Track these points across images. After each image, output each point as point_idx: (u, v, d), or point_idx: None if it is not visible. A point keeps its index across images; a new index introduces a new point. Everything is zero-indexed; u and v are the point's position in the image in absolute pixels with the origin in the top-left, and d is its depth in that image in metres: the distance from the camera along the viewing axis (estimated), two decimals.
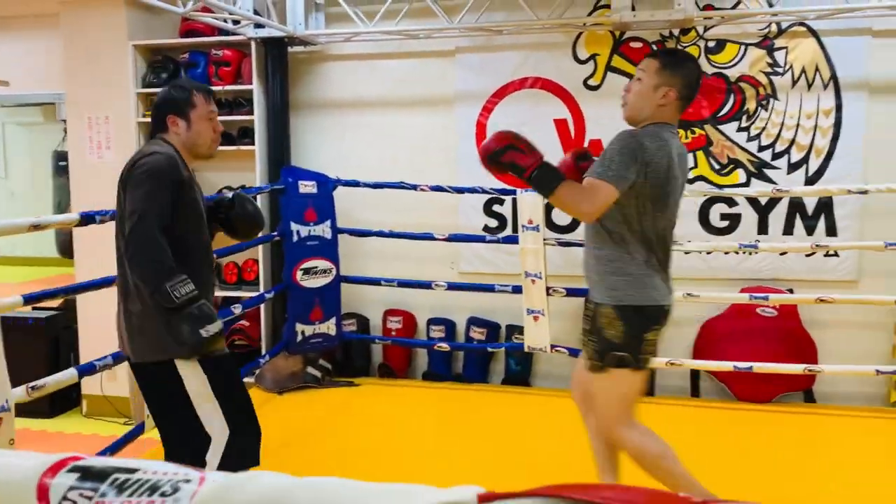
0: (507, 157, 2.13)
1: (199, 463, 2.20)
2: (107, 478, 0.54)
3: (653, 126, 2.29)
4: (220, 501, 0.51)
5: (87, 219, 2.75)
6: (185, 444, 2.27)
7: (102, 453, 2.97)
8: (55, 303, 5.00)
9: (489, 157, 2.16)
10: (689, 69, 2.35)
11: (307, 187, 4.48)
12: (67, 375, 2.75)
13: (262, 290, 4.65)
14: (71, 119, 4.87)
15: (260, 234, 4.60)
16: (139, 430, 3.18)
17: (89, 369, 2.81)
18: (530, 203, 4.19)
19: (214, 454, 2.20)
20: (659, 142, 2.23)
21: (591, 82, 4.50)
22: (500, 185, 4.53)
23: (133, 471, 0.54)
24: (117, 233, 2.27)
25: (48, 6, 4.78)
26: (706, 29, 4.34)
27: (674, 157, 2.27)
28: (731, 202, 4.39)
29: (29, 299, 2.58)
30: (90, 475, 0.54)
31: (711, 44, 4.35)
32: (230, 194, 2.62)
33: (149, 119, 4.66)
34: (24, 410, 4.05)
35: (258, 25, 4.44)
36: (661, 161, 2.22)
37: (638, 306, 2.30)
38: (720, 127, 4.37)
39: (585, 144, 4.53)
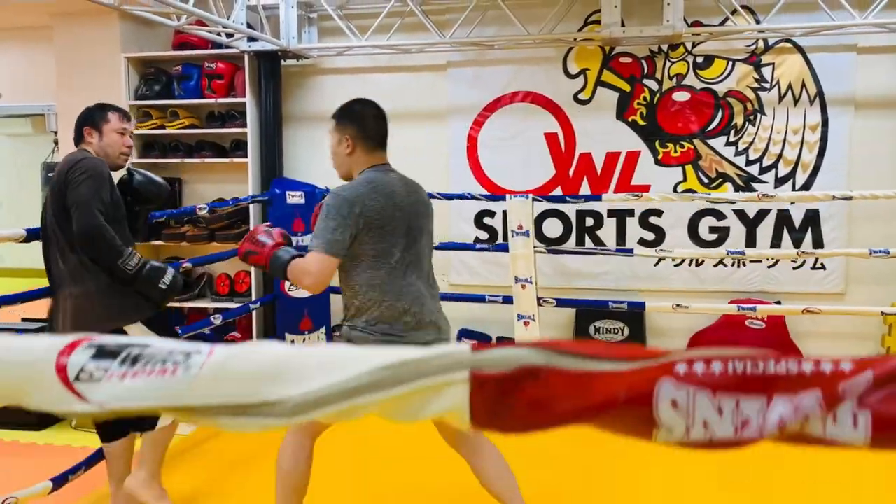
0: (250, 260, 2.35)
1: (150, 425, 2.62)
2: (120, 352, 0.56)
3: (363, 173, 2.35)
4: (227, 366, 0.55)
5: (33, 235, 2.70)
6: None
7: (83, 464, 2.96)
8: (44, 314, 4.97)
9: (243, 259, 2.39)
10: (354, 111, 2.42)
11: (295, 197, 4.49)
12: None
13: (253, 297, 4.65)
14: (62, 130, 4.87)
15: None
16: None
17: None
18: (520, 208, 4.21)
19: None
20: (367, 185, 2.28)
21: (582, 96, 4.55)
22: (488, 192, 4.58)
23: (146, 346, 0.57)
24: (52, 227, 2.57)
25: (41, 19, 4.79)
26: (694, 45, 4.41)
27: (391, 190, 2.31)
28: (719, 215, 4.44)
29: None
30: (105, 352, 0.57)
31: (700, 59, 4.42)
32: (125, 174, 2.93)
33: (141, 131, 4.71)
34: (12, 423, 4.03)
35: (251, 39, 4.47)
36: (371, 203, 2.25)
37: None
38: (709, 141, 4.43)
39: (576, 158, 4.58)
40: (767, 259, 4.34)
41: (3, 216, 10.32)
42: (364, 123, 2.39)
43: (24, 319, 4.77)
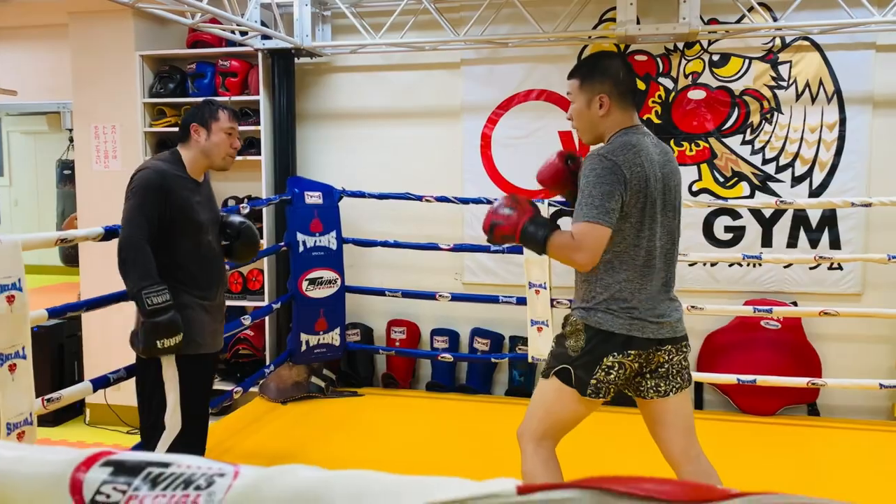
0: (497, 232, 2.13)
1: (150, 447, 2.55)
2: (140, 472, 0.53)
3: (618, 136, 2.14)
4: (254, 495, 0.51)
5: (112, 233, 2.73)
6: (145, 424, 2.61)
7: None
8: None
9: (488, 234, 2.19)
10: (607, 66, 2.21)
11: (313, 198, 4.49)
12: (82, 388, 2.75)
13: (266, 299, 4.66)
14: (78, 128, 4.90)
15: (265, 246, 4.65)
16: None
17: (104, 382, 2.80)
18: None
19: (163, 444, 2.52)
20: (630, 150, 2.08)
21: None
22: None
23: (166, 465, 0.53)
24: None
25: (57, 17, 4.82)
26: (710, 43, 4.37)
27: (651, 157, 2.11)
28: (735, 215, 4.40)
29: (54, 313, 2.62)
30: (123, 469, 0.54)
31: (716, 57, 4.38)
32: (238, 220, 2.82)
33: (155, 129, 4.73)
34: None
35: (265, 37, 4.47)
36: (638, 170, 2.06)
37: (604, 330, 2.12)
38: (724, 140, 4.39)
39: None
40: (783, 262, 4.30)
41: (20, 214, 10.41)
42: (623, 76, 2.18)
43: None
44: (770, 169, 4.36)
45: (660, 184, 2.11)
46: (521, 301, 4.30)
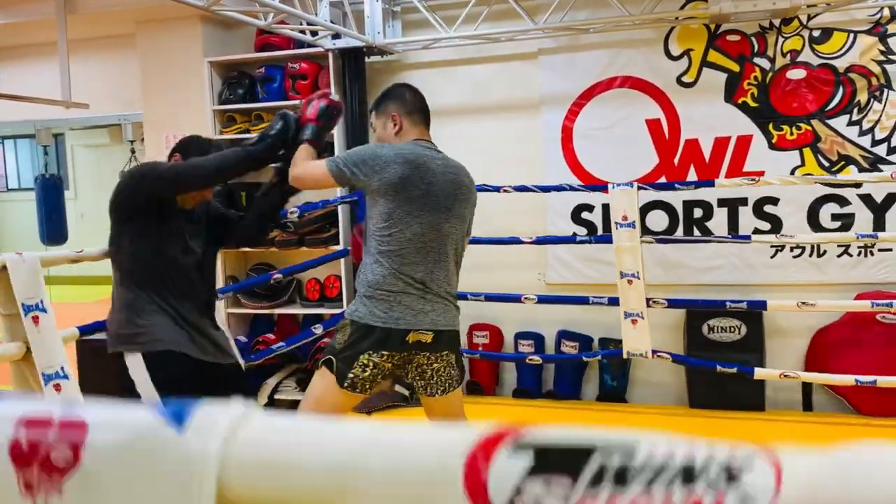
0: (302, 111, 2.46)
1: None
2: (580, 461, 0.32)
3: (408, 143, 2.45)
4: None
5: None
6: None
7: None
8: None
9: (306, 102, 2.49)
10: (393, 93, 2.53)
11: None
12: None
13: (344, 306, 4.52)
14: (148, 137, 4.85)
15: (340, 248, 4.50)
16: None
17: None
18: (624, 198, 3.94)
19: None
20: (397, 150, 2.35)
21: (686, 79, 4.25)
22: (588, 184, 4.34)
23: (627, 449, 0.32)
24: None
25: (125, 27, 4.76)
26: (810, 18, 4.06)
27: (418, 163, 2.35)
28: (843, 201, 4.09)
29: (85, 330, 2.60)
30: (551, 457, 0.33)
31: (816, 33, 4.07)
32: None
33: (225, 137, 4.62)
34: None
35: (335, 36, 4.33)
36: (393, 168, 2.30)
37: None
38: (829, 121, 4.08)
39: (681, 145, 4.29)
40: None
41: (86, 227, 10.56)
42: (408, 99, 2.50)
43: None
44: (881, 150, 4.03)
45: (418, 189, 2.35)
46: (614, 301, 4.05)
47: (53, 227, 7.11)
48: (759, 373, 3.84)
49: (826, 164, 4.10)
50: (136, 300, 2.26)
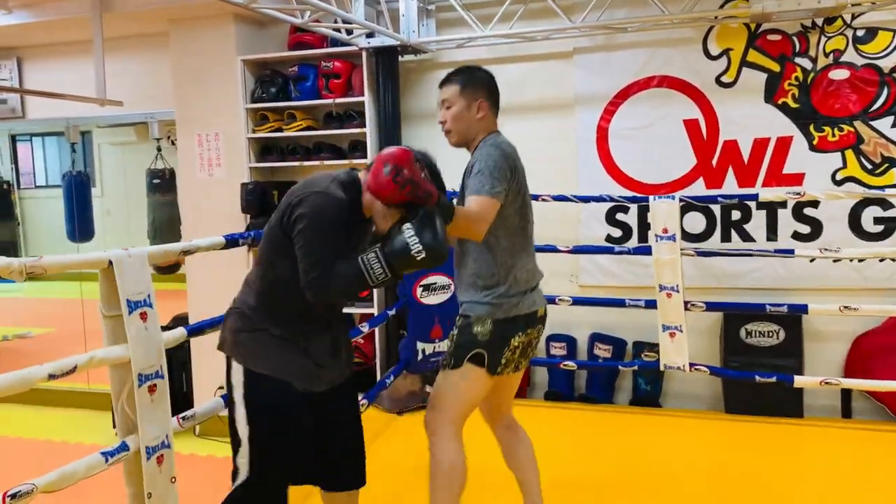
0: (409, 190, 1.97)
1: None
2: None
3: (492, 136, 2.40)
4: None
5: (232, 242, 2.65)
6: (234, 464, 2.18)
7: None
8: (165, 320, 5.00)
9: (400, 186, 1.95)
10: (483, 78, 2.46)
11: None
12: (214, 405, 2.64)
13: (375, 306, 4.50)
14: (181, 136, 4.85)
15: None
16: None
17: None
18: (664, 210, 3.89)
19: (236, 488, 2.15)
20: (510, 146, 2.38)
21: (725, 79, 4.18)
22: (626, 192, 4.29)
23: None
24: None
25: (158, 25, 4.77)
26: (854, 17, 3.98)
27: (516, 156, 2.40)
28: (886, 204, 4.00)
29: (192, 331, 2.55)
30: None
31: (860, 32, 3.99)
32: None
33: (258, 135, 4.62)
34: None
35: (369, 35, 4.30)
36: (517, 163, 2.37)
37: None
38: (872, 123, 3.99)
39: (719, 146, 4.22)
40: None
41: (112, 223, 10.63)
42: (495, 89, 2.48)
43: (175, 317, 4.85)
44: None
45: (524, 177, 2.42)
46: (650, 304, 4.00)
47: (81, 224, 7.15)
48: (799, 381, 3.76)
49: (869, 166, 4.02)
50: (266, 318, 2.09)
